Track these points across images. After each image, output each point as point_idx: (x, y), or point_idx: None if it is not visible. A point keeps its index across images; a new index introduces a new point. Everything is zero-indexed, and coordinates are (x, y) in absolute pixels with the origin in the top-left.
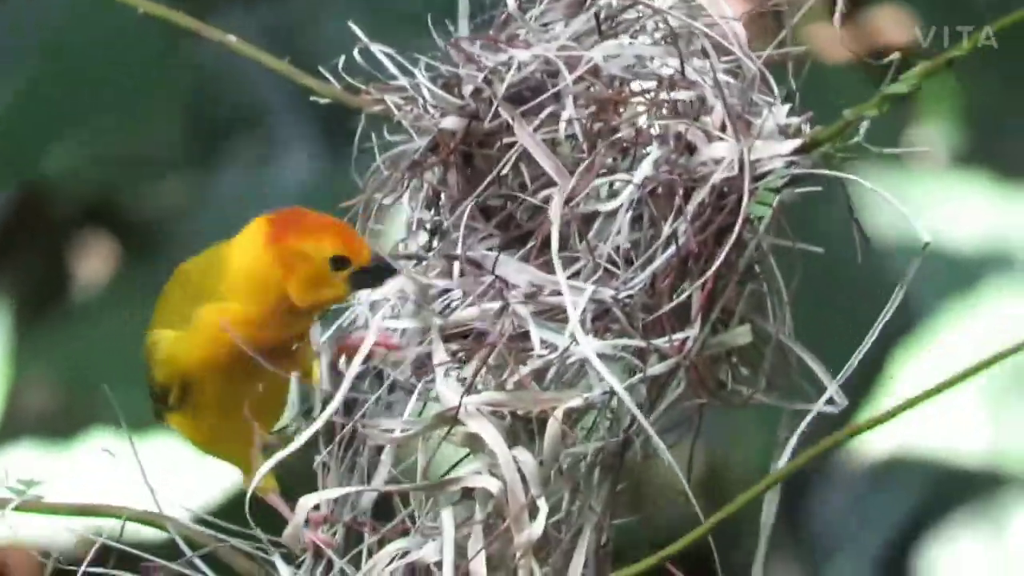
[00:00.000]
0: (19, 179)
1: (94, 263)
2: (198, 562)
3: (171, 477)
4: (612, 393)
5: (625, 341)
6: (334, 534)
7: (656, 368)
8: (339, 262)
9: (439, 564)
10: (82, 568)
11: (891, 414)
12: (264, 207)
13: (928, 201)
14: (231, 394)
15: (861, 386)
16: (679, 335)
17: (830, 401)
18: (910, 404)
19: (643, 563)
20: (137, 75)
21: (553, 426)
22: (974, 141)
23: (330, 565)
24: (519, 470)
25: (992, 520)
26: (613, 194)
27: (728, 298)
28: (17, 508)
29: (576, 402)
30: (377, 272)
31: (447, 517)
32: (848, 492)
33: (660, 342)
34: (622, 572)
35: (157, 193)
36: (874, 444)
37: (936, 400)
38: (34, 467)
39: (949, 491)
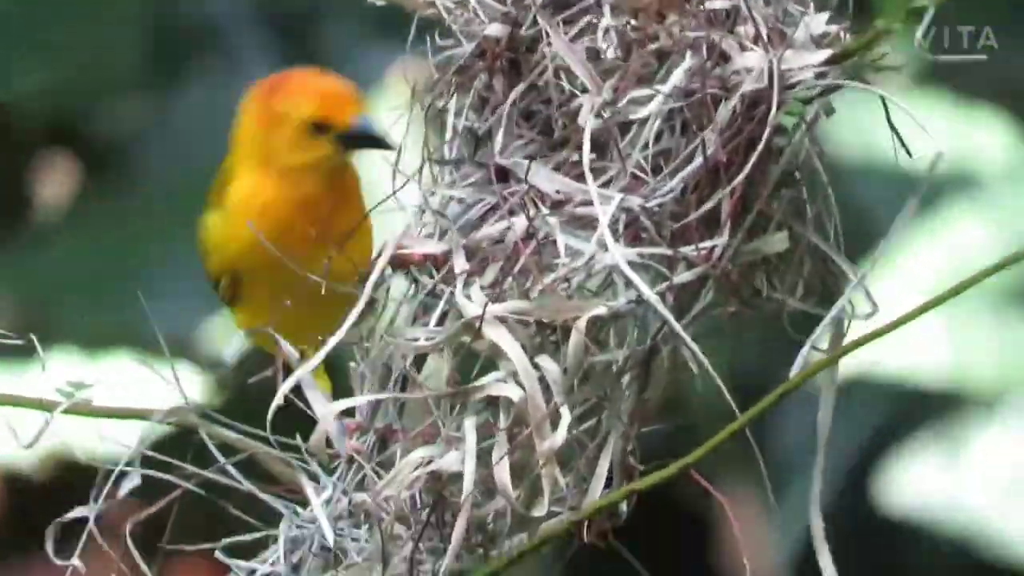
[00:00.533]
0: None
1: (56, 184)
2: (231, 469)
3: (132, 397)
4: (639, 301)
5: (653, 249)
6: (364, 443)
7: (683, 276)
8: (319, 126)
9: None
10: (117, 468)
11: (859, 343)
12: (225, 125)
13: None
14: (282, 283)
15: (823, 304)
16: (707, 243)
17: (864, 309)
18: (879, 334)
19: (668, 469)
20: None
21: (576, 335)
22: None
23: (360, 472)
24: (542, 378)
25: (952, 441)
26: (647, 103)
27: (764, 205)
28: (65, 411)
29: (601, 310)
30: (364, 137)
31: (469, 425)
32: (810, 413)
33: (688, 250)
34: (646, 479)
35: (119, 113)
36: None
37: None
38: None
39: (910, 412)
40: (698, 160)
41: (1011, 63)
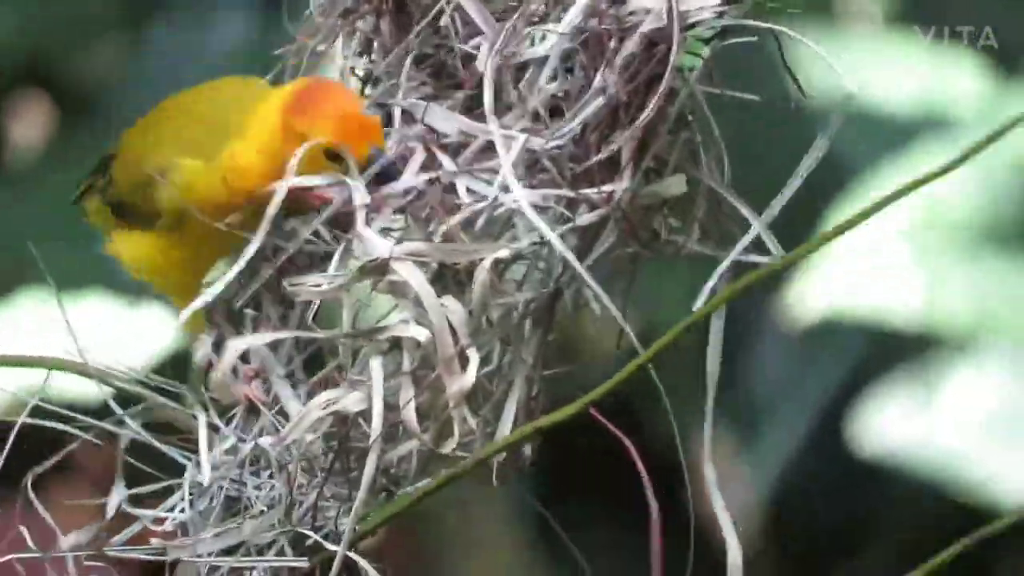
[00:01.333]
0: None
1: (30, 125)
2: (129, 421)
3: (102, 338)
4: (541, 243)
5: (555, 192)
6: (267, 389)
7: (585, 218)
8: (334, 156)
9: (366, 414)
10: (20, 421)
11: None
12: (200, 67)
13: (862, 62)
14: (218, 236)
15: (794, 246)
16: (608, 186)
17: (763, 251)
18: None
19: (568, 408)
20: None
21: (481, 276)
22: (908, 1)
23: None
24: (447, 319)
25: (926, 382)
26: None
27: (661, 148)
28: None
29: (503, 252)
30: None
31: (375, 366)
32: (782, 355)
33: (589, 192)
34: (548, 417)
35: (93, 55)
36: (809, 306)
37: (870, 261)
38: None
39: (883, 353)
40: (599, 100)
41: (984, 4)
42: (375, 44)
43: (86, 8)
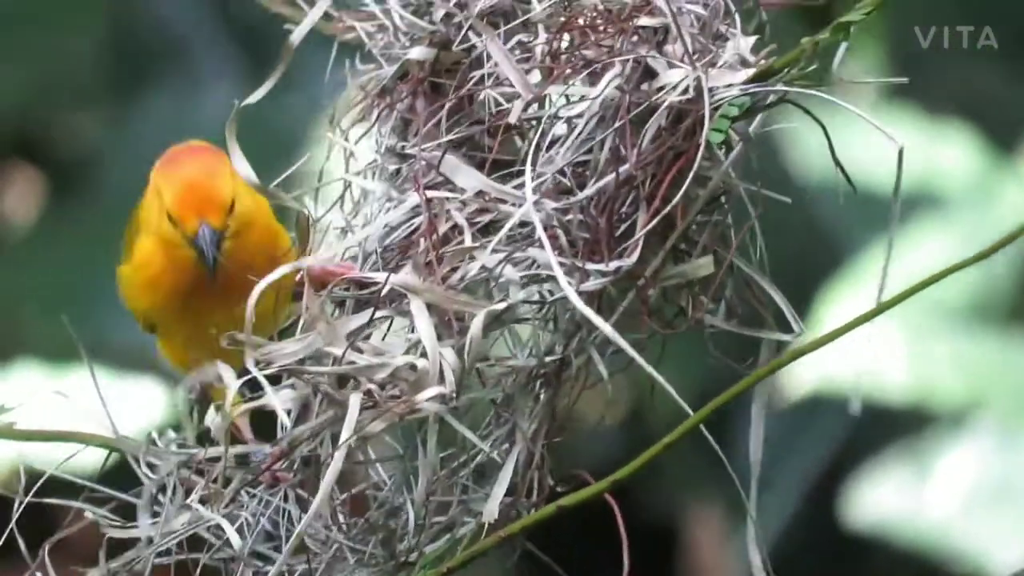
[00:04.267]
0: None
1: (18, 197)
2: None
3: (96, 409)
4: (542, 303)
5: (563, 259)
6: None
7: (589, 285)
8: (171, 219)
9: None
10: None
11: (815, 345)
12: (188, 136)
13: (855, 138)
14: (192, 325)
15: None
16: (615, 262)
17: (787, 329)
18: (831, 337)
19: (598, 486)
20: (56, 8)
21: (474, 328)
22: (902, 76)
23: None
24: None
25: (916, 456)
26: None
27: (689, 229)
28: None
29: (499, 306)
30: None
31: (354, 401)
32: (773, 427)
33: (598, 267)
34: (575, 495)
35: (81, 127)
36: (798, 381)
37: (859, 337)
38: None
39: (874, 426)
40: (616, 171)
41: (974, 79)
42: (411, 123)
43: (73, 80)
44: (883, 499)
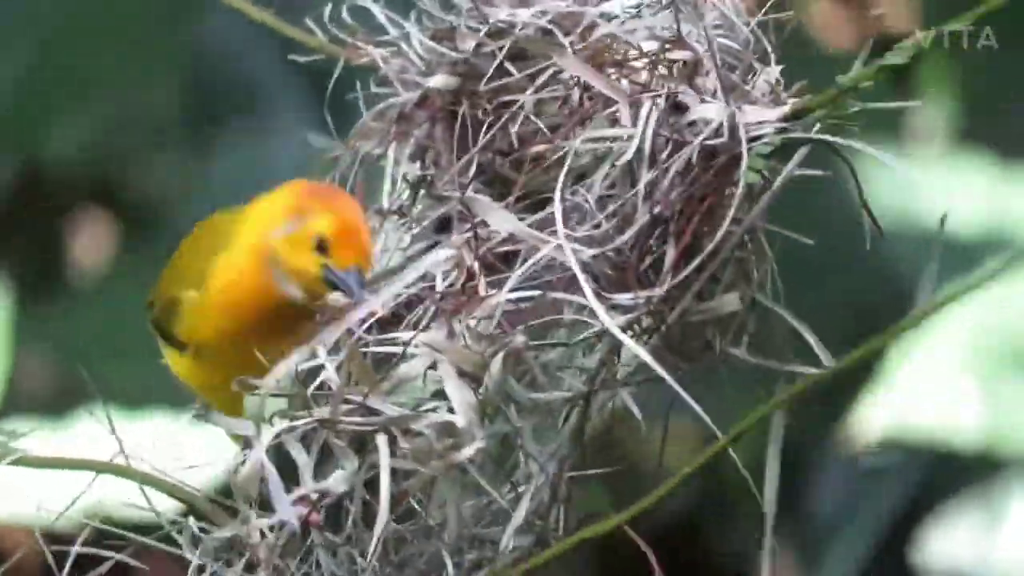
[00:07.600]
0: (18, 160)
1: (92, 243)
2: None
3: (165, 455)
4: (564, 344)
5: (580, 300)
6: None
7: (619, 319)
8: (322, 246)
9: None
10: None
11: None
12: (262, 184)
13: (927, 183)
14: (244, 354)
15: (860, 370)
16: (644, 292)
17: (817, 363)
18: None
19: (609, 521)
20: (135, 54)
21: (495, 366)
22: (973, 122)
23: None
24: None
25: (989, 505)
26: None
27: (719, 264)
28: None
29: (520, 340)
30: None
31: (382, 444)
32: (843, 476)
33: (623, 297)
34: (592, 528)
35: (156, 172)
36: (870, 427)
37: (932, 383)
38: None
39: (945, 474)
40: (648, 208)
41: None
42: (429, 151)
43: (149, 125)
44: (955, 546)
